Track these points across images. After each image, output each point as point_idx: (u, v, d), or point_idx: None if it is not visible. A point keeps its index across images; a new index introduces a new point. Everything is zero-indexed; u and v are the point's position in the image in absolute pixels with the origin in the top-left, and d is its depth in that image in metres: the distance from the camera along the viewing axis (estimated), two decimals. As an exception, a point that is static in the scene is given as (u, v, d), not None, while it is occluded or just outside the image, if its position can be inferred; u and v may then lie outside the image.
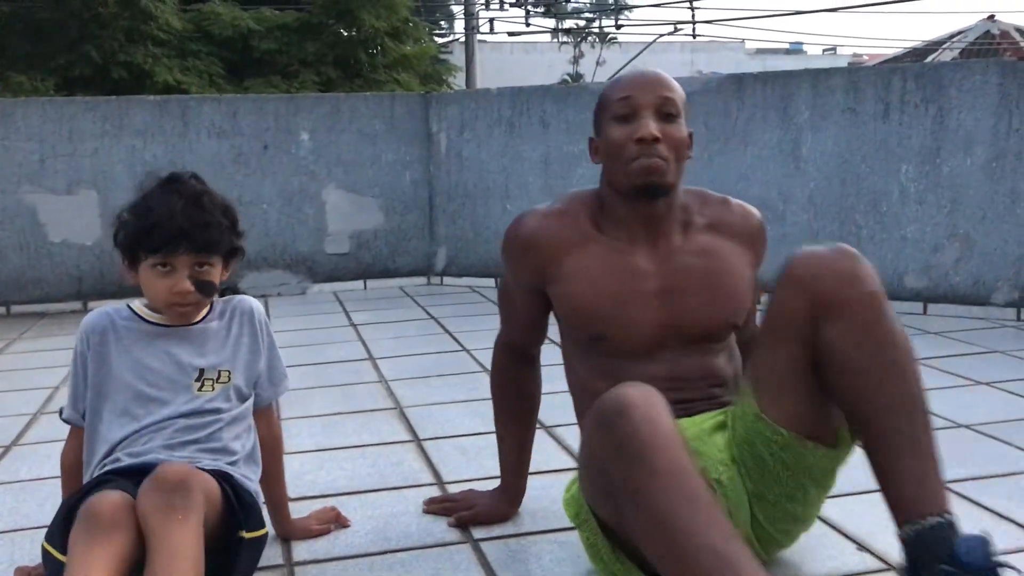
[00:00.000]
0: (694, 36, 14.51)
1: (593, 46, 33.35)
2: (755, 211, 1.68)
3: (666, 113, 1.52)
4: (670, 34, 15.31)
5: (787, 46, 39.02)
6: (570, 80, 42.00)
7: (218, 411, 1.61)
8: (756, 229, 1.65)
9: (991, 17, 14.13)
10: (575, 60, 30.07)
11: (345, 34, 9.20)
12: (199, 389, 1.62)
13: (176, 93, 8.19)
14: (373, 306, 4.37)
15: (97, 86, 7.93)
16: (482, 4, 15.46)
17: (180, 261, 1.58)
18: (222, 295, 1.74)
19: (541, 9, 21.94)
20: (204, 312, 1.69)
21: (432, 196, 4.88)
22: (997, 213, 3.69)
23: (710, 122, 4.19)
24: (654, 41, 13.68)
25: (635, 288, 1.55)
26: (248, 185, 4.65)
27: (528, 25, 13.95)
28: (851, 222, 3.95)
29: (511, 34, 12.96)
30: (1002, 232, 3.69)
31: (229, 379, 1.66)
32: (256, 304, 1.78)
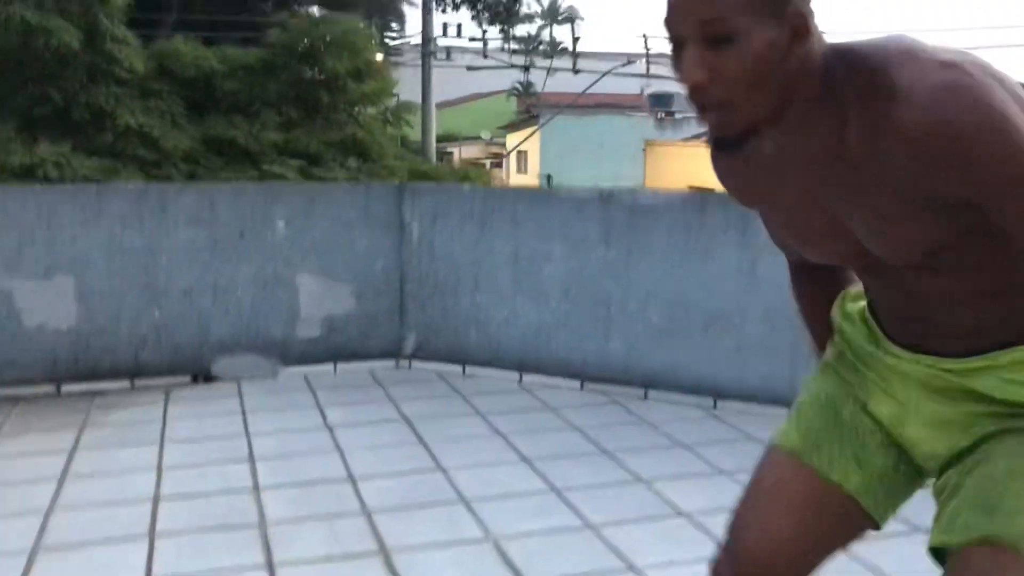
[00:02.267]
0: (647, 74, 14.79)
1: (545, 56, 33.45)
2: (932, 119, 1.11)
3: (715, 38, 1.16)
4: (623, 65, 15.61)
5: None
6: (520, 88, 41.92)
7: None
8: (920, 149, 1.13)
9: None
10: (525, 70, 30.23)
11: (308, 75, 9.26)
12: None
13: (137, 135, 8.21)
14: (344, 398, 4.51)
15: (58, 127, 7.90)
16: (439, 34, 15.54)
17: None
18: None
19: (497, 27, 22.11)
20: None
21: (403, 283, 5.03)
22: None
23: (673, 235, 4.42)
24: (606, 74, 13.95)
25: (805, 220, 1.33)
26: (224, 271, 4.76)
27: (485, 56, 14.10)
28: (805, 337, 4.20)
29: (470, 68, 13.12)
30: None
31: None
32: None
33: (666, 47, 1.24)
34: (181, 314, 4.71)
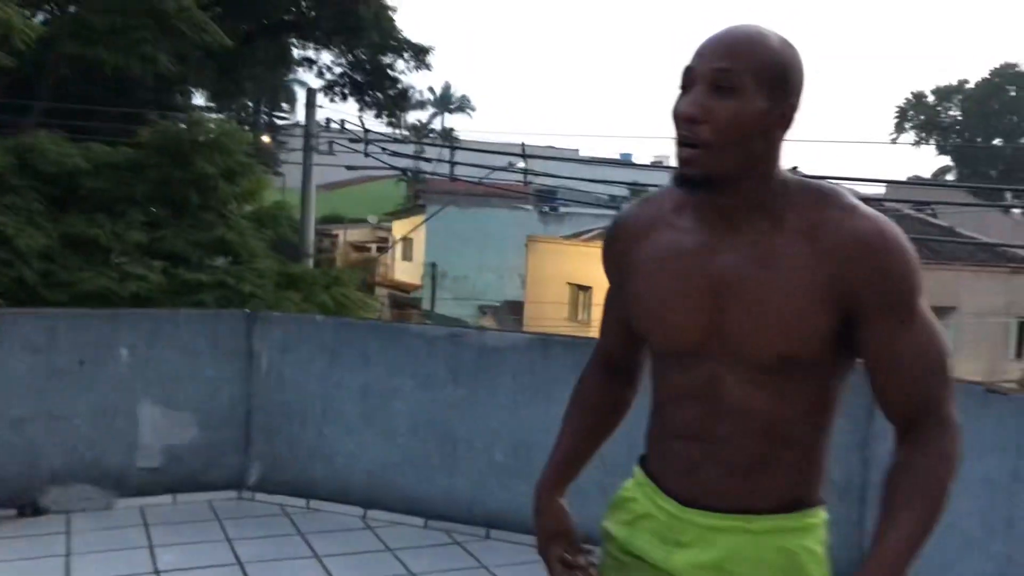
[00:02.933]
0: (525, 181, 15.22)
1: (434, 144, 33.92)
2: (877, 228, 1.34)
3: (721, 86, 1.31)
4: (513, 166, 16.03)
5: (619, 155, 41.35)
6: (409, 174, 42.32)
7: None
8: (859, 248, 1.33)
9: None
10: (420, 158, 30.57)
11: (177, 175, 9.15)
12: None
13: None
14: (180, 536, 4.38)
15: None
16: (321, 127, 15.63)
17: None
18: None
19: (384, 119, 22.32)
20: None
21: (250, 413, 4.96)
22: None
23: (519, 376, 4.52)
24: (486, 176, 14.28)
25: (684, 284, 1.42)
26: (60, 401, 4.60)
27: (366, 155, 14.22)
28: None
29: (349, 168, 13.20)
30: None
31: None
32: None
33: (549, 140, 1.37)
34: (9, 444, 4.52)
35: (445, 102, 49.03)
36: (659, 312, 1.46)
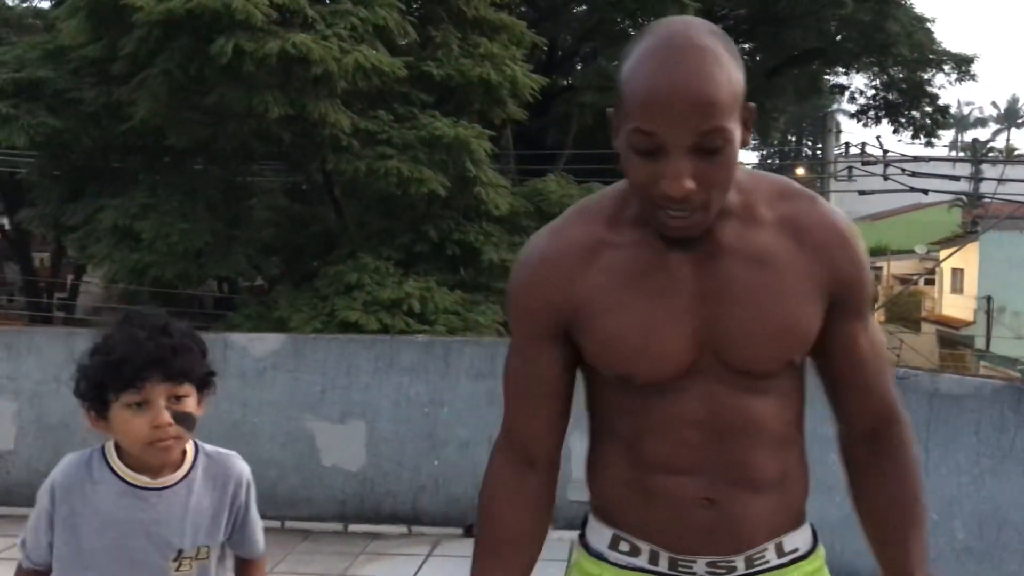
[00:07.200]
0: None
1: (994, 164, 30.45)
2: (844, 217, 1.31)
3: (707, 149, 1.15)
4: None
5: None
6: (965, 201, 38.70)
7: None
8: (838, 239, 1.28)
9: None
10: (974, 179, 27.63)
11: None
12: (176, 570, 1.55)
13: (498, 270, 8.75)
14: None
15: (433, 261, 8.72)
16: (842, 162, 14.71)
17: (155, 392, 1.48)
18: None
19: (922, 140, 20.44)
20: (188, 463, 1.58)
21: (680, 453, 4.68)
22: None
23: (981, 434, 3.60)
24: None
25: (665, 303, 1.25)
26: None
27: (885, 178, 12.92)
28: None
29: (862, 193, 11.87)
30: None
31: (208, 555, 1.58)
32: (247, 471, 1.66)
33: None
34: (458, 465, 4.82)
35: (1011, 116, 43.68)
36: (641, 342, 1.27)
